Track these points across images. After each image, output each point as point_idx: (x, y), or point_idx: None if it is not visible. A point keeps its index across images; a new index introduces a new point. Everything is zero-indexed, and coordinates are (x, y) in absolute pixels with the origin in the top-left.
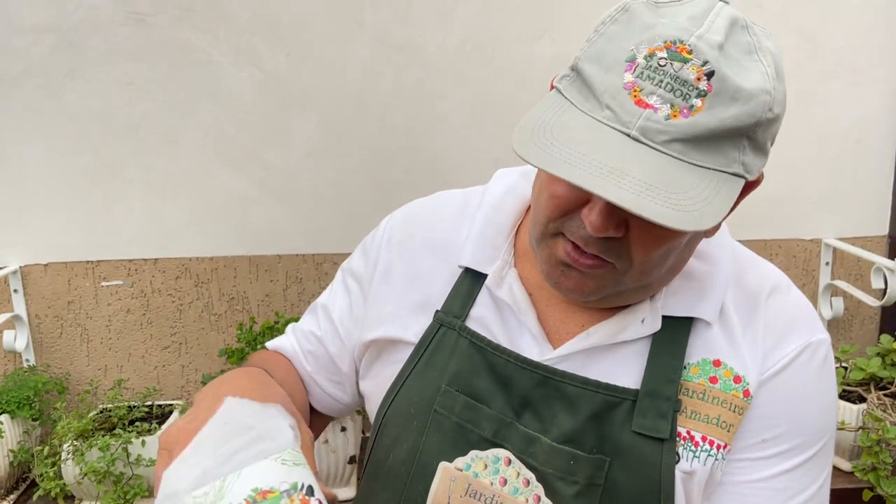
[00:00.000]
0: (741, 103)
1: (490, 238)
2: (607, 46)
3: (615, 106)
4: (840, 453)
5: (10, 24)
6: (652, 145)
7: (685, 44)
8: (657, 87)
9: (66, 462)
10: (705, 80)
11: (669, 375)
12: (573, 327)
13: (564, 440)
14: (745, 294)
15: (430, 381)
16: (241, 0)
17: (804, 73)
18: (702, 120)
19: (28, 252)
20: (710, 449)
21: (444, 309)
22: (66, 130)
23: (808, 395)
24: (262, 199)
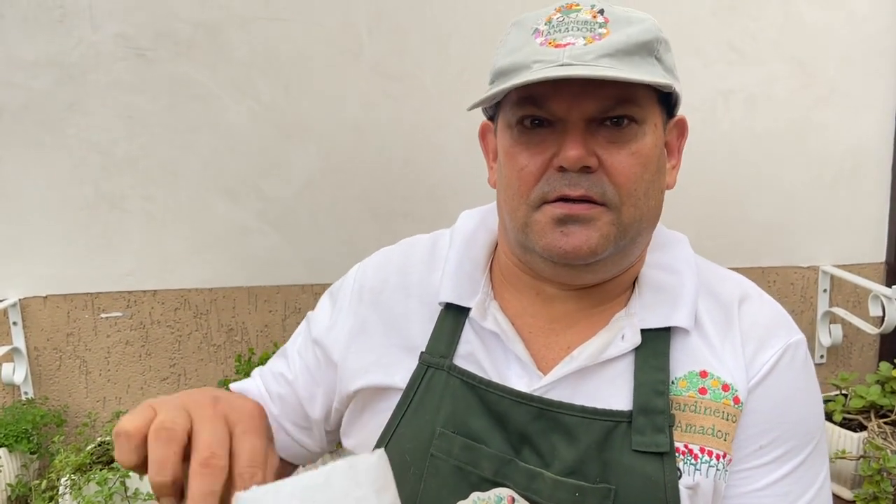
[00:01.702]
0: (636, 24)
1: (468, 272)
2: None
3: (541, 56)
4: (841, 482)
5: (11, 58)
6: (585, 65)
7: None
8: (567, 31)
9: (63, 496)
10: (600, 16)
11: (658, 389)
12: (559, 351)
13: (568, 472)
14: (716, 304)
15: (424, 425)
16: (239, 34)
17: (798, 100)
18: (614, 38)
19: (27, 284)
20: (710, 460)
21: (429, 350)
22: (66, 163)
23: (795, 395)
24: (260, 230)
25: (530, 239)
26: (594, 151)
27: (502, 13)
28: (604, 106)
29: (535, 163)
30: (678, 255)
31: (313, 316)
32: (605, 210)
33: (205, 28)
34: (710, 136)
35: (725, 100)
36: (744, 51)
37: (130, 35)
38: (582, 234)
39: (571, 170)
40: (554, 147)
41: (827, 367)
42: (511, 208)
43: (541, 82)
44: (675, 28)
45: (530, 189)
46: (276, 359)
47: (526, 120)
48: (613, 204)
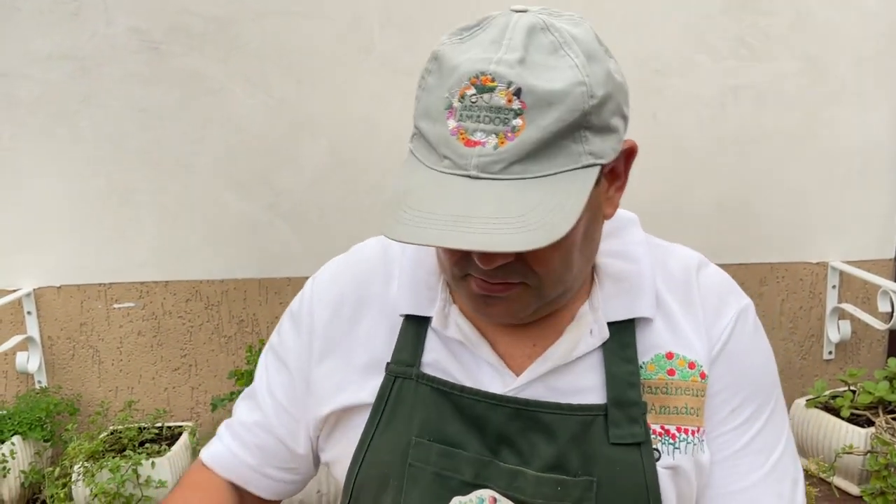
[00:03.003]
0: (558, 105)
1: (423, 279)
2: (429, 99)
3: (450, 153)
4: (848, 477)
5: (26, 51)
6: (493, 177)
7: (486, 74)
8: (478, 123)
9: (76, 483)
10: (516, 99)
11: (629, 380)
12: (526, 347)
13: (548, 468)
14: (674, 278)
15: (399, 436)
16: (251, 28)
17: (808, 97)
18: (527, 136)
19: (42, 275)
20: (687, 437)
21: (395, 360)
22: (79, 155)
23: (753, 356)
24: (272, 223)
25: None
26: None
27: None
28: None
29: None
30: (630, 238)
31: (278, 345)
32: (525, 288)
33: (217, 22)
34: (718, 132)
35: (735, 96)
36: (754, 47)
37: (144, 29)
38: (502, 306)
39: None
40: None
41: (835, 363)
42: (440, 265)
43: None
44: (685, 24)
45: (452, 266)
46: (244, 403)
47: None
48: (533, 284)
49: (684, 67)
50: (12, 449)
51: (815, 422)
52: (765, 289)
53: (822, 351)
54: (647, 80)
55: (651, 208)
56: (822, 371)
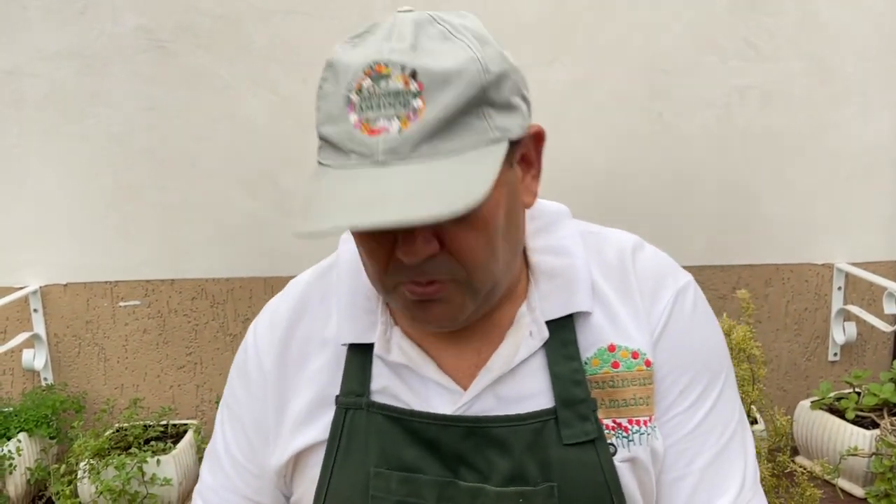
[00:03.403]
0: (455, 82)
1: (361, 305)
2: (329, 105)
3: (356, 146)
4: (853, 480)
5: (34, 49)
6: (403, 161)
7: (380, 63)
8: (378, 110)
9: (81, 480)
10: (412, 81)
11: (575, 378)
12: (471, 359)
13: (508, 481)
14: (610, 266)
15: (357, 468)
16: (258, 27)
17: (815, 98)
18: (429, 115)
19: (48, 272)
20: (640, 428)
21: (344, 392)
22: (86, 153)
23: (694, 335)
24: (277, 222)
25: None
26: (434, 233)
27: (521, 9)
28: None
29: (379, 251)
30: (562, 233)
31: (231, 400)
32: (456, 285)
33: (224, 21)
34: (725, 132)
35: (741, 96)
36: (760, 47)
37: (151, 27)
38: (439, 309)
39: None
40: (392, 237)
41: (840, 365)
42: (370, 279)
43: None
44: (692, 24)
45: (381, 275)
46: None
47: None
48: (462, 279)
49: (690, 68)
50: (18, 446)
51: (820, 423)
52: (770, 290)
53: (827, 352)
54: (653, 80)
55: (656, 209)
56: (827, 373)
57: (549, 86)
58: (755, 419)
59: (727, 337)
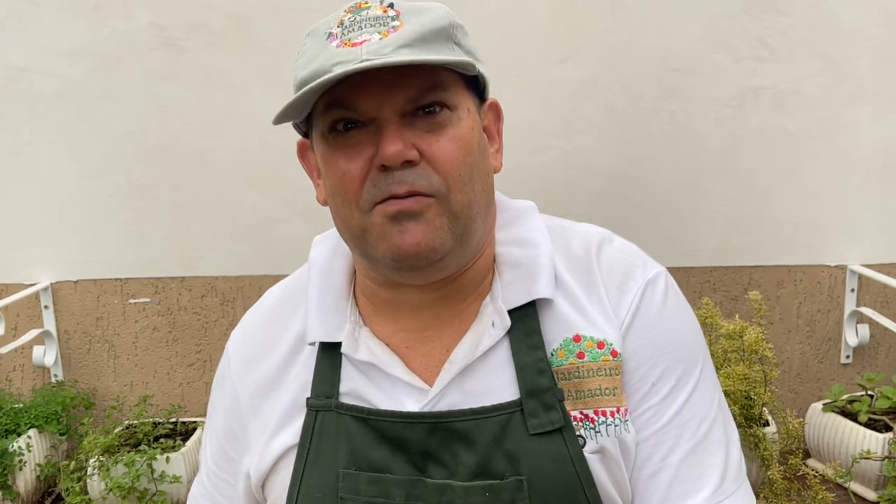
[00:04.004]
0: (427, 12)
1: (331, 305)
2: (309, 50)
3: (339, 58)
4: (865, 483)
5: (46, 46)
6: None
7: (359, 1)
8: (360, 31)
9: (91, 477)
10: (391, 9)
11: (539, 367)
12: (439, 356)
13: (474, 476)
14: (575, 261)
15: (327, 470)
16: (270, 25)
17: (829, 98)
18: (408, 29)
19: (59, 269)
20: (607, 419)
21: (315, 394)
22: (98, 151)
23: (664, 325)
24: (287, 219)
25: (370, 244)
26: (413, 144)
27: (533, 8)
28: (413, 95)
29: (355, 166)
30: (528, 225)
31: (210, 413)
32: (434, 202)
33: (236, 19)
34: (738, 132)
35: (755, 96)
36: (774, 47)
37: (163, 25)
38: (417, 229)
39: (393, 167)
40: (371, 147)
41: (853, 367)
42: (344, 218)
43: (346, 84)
44: (705, 23)
45: (357, 193)
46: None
47: (338, 124)
48: (441, 194)
49: (704, 67)
50: (28, 442)
51: (832, 426)
52: (782, 291)
53: (839, 355)
54: (665, 79)
55: (667, 209)
56: (840, 375)
57: (560, 85)
58: (767, 421)
59: (739, 339)
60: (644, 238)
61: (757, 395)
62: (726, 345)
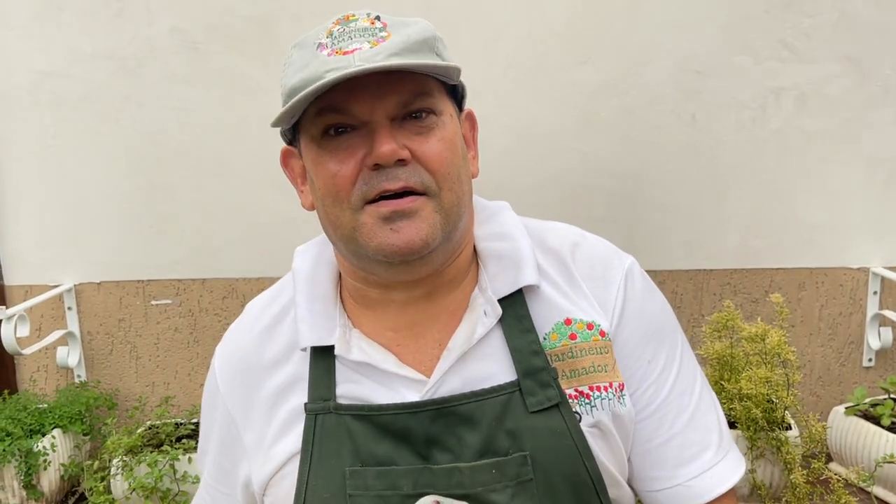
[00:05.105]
0: (412, 25)
1: (320, 311)
2: (298, 60)
3: (331, 65)
4: (888, 487)
5: (70, 51)
6: (375, 63)
7: (347, 13)
8: (349, 41)
9: (115, 477)
10: (378, 21)
11: (532, 349)
12: (432, 350)
13: (480, 455)
14: (552, 256)
15: (333, 470)
16: (290, 28)
17: (851, 99)
18: (396, 39)
19: (82, 271)
20: (601, 393)
21: (312, 398)
22: (120, 153)
23: (649, 307)
24: (308, 221)
25: (360, 243)
26: (403, 145)
27: (551, 10)
28: (403, 100)
29: (347, 166)
30: (505, 220)
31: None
32: (427, 199)
33: (256, 22)
34: (760, 133)
35: (777, 98)
36: (797, 48)
37: (185, 29)
38: (411, 227)
39: (387, 165)
40: (363, 148)
41: (875, 371)
42: (333, 218)
43: (339, 89)
44: (726, 25)
45: (348, 192)
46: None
47: (330, 129)
48: (433, 191)
49: (724, 69)
50: (53, 442)
51: (855, 430)
52: (803, 294)
53: (861, 358)
54: (686, 81)
55: (688, 211)
56: (862, 378)
57: (579, 87)
58: (789, 425)
59: (761, 342)
60: (664, 240)
61: (779, 398)
62: (748, 348)
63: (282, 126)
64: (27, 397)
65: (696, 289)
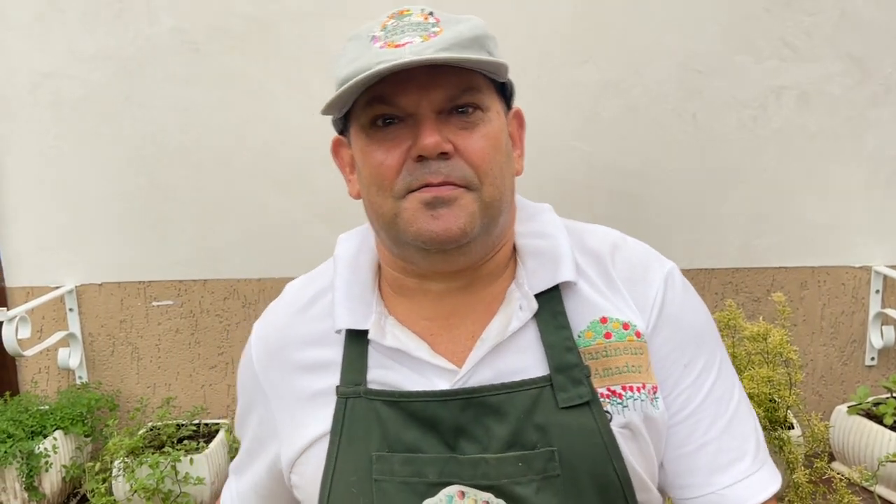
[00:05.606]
0: (465, 22)
1: (358, 295)
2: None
3: (383, 57)
4: (891, 486)
5: (71, 51)
6: (424, 56)
7: (402, 8)
8: (403, 33)
9: (116, 479)
10: (431, 17)
11: (566, 345)
12: (465, 342)
13: (507, 447)
14: (591, 257)
15: (360, 454)
16: (291, 29)
17: (853, 98)
18: (448, 35)
19: (83, 272)
20: (633, 394)
21: (344, 382)
22: (122, 154)
23: (689, 313)
24: (309, 222)
25: (401, 229)
26: (448, 138)
27: (554, 10)
28: (451, 95)
29: (392, 157)
30: (546, 220)
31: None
32: (467, 191)
33: (257, 23)
34: (761, 133)
35: (777, 97)
36: (798, 47)
37: (185, 29)
38: (450, 215)
39: (430, 157)
40: (409, 140)
41: (878, 370)
42: (377, 206)
43: (389, 81)
44: (727, 24)
45: (392, 182)
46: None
47: (378, 120)
48: (474, 185)
49: (726, 68)
50: (54, 443)
51: (857, 429)
52: (806, 293)
53: (864, 357)
54: (687, 80)
55: (690, 211)
56: (865, 377)
57: (581, 87)
58: (791, 424)
59: (763, 341)
60: (666, 239)
61: (781, 398)
62: (750, 347)
63: (332, 115)
64: (29, 399)
65: (698, 288)
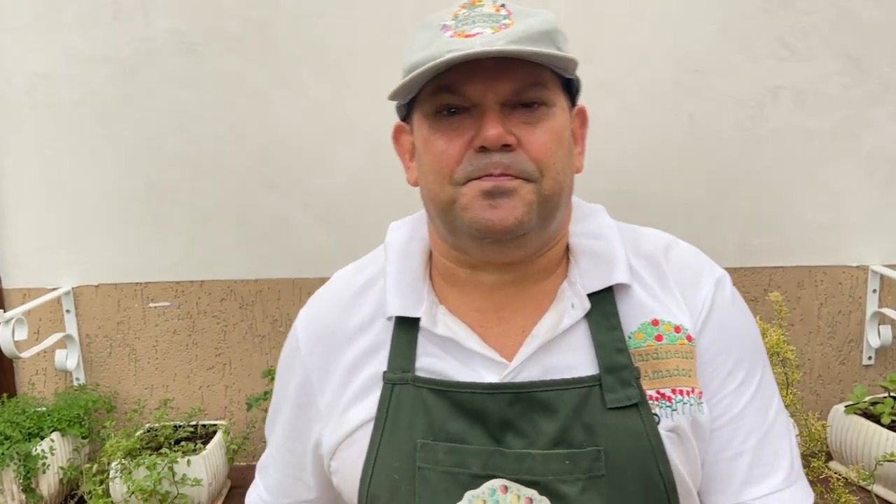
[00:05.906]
0: (536, 16)
1: (409, 283)
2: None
3: (453, 46)
4: (889, 486)
5: (67, 53)
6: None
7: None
8: (473, 25)
9: (113, 480)
10: (503, 9)
11: (617, 346)
12: (515, 336)
13: (554, 444)
14: (645, 259)
15: (404, 441)
16: (287, 30)
17: (850, 97)
18: (518, 28)
19: (80, 273)
20: (682, 398)
21: (391, 368)
22: (118, 156)
23: (738, 321)
24: (306, 223)
25: (457, 216)
26: (511, 131)
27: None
28: (517, 88)
29: (454, 146)
30: (600, 222)
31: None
32: (527, 182)
33: (254, 24)
34: (758, 133)
35: (774, 96)
36: (794, 46)
37: (182, 31)
38: (508, 205)
39: (492, 149)
40: (472, 130)
41: (875, 369)
42: (434, 192)
43: (456, 71)
44: (724, 23)
45: (452, 170)
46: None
47: (443, 109)
48: (534, 178)
49: (723, 67)
50: (51, 445)
51: (855, 428)
52: (803, 292)
53: (861, 356)
54: (684, 80)
55: (687, 210)
56: (862, 377)
57: None
58: None
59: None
60: None
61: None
62: None
63: (398, 101)
64: (25, 400)
65: None
